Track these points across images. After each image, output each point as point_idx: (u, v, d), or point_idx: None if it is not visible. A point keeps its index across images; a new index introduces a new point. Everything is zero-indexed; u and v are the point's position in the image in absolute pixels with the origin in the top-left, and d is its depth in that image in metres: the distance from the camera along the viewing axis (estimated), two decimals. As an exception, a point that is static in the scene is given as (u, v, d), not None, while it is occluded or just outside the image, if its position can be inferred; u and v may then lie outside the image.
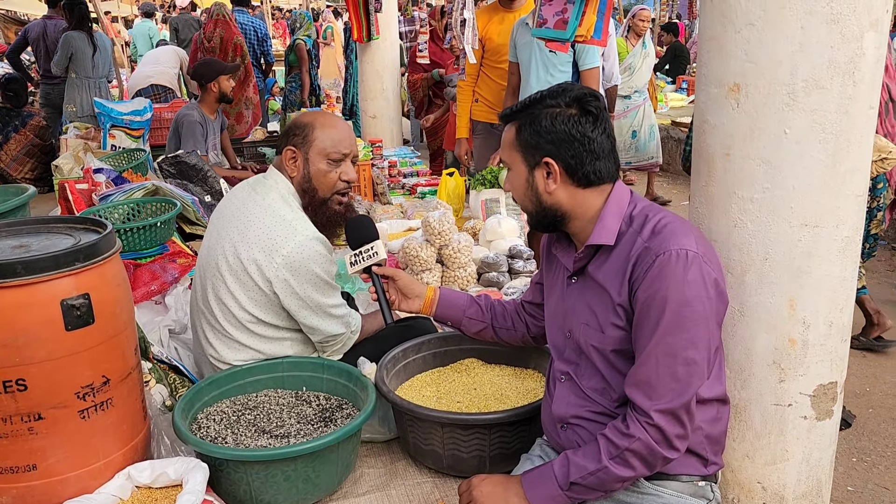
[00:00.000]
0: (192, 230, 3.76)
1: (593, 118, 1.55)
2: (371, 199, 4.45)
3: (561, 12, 3.20)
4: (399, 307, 2.01)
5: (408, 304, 2.00)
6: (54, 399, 1.58)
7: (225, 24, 6.65)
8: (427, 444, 1.92)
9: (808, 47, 1.50)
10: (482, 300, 2.02)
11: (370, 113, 5.84)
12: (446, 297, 2.00)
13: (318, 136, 2.14)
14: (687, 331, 1.45)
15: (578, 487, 1.52)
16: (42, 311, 1.54)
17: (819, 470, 1.76)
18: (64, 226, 1.80)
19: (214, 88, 4.81)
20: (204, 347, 2.20)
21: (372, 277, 2.00)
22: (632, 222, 1.56)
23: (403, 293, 2.01)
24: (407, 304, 2.00)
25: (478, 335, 2.02)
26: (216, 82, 4.79)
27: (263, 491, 1.77)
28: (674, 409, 1.46)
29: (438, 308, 2.00)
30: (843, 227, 1.61)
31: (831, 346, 1.68)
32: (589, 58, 3.99)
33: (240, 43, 6.68)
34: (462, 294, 2.04)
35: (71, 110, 6.76)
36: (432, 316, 2.02)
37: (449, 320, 2.02)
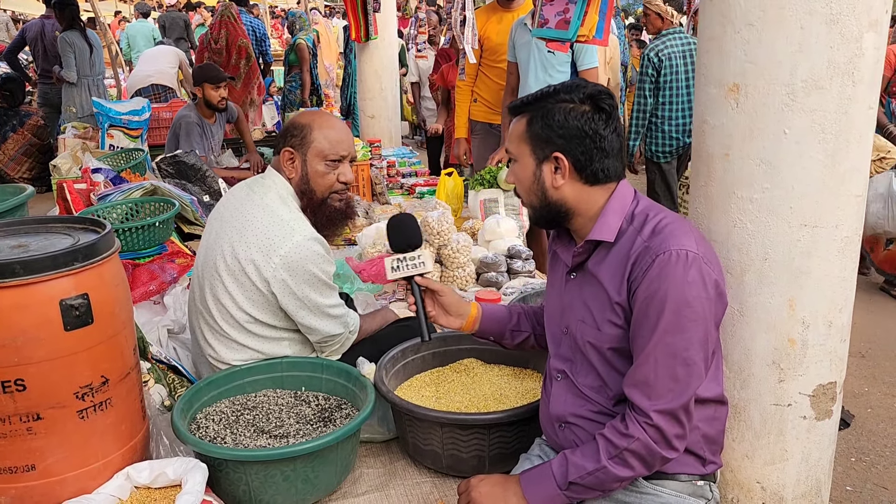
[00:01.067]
0: (190, 230, 3.76)
1: (606, 116, 1.55)
2: (370, 199, 4.45)
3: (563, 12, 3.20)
4: (436, 321, 1.90)
5: (447, 321, 1.89)
6: (53, 399, 1.58)
7: (231, 26, 6.65)
8: (426, 444, 1.92)
9: (808, 47, 1.50)
10: (516, 309, 1.96)
11: (369, 113, 5.84)
12: (489, 313, 1.92)
13: (316, 137, 2.13)
14: (686, 331, 1.45)
15: (577, 487, 1.52)
16: (41, 312, 1.54)
17: (818, 469, 1.76)
18: (62, 226, 1.80)
19: (199, 94, 4.81)
20: (202, 347, 2.19)
21: (412, 287, 1.85)
22: (633, 220, 1.56)
23: (446, 310, 1.89)
24: (446, 321, 1.89)
25: (518, 346, 1.96)
26: (200, 88, 4.79)
27: (262, 491, 1.77)
28: (673, 410, 1.46)
29: (481, 325, 1.92)
30: (843, 227, 1.61)
31: (831, 346, 1.68)
32: (588, 58, 3.99)
33: (244, 45, 6.67)
34: (500, 307, 1.97)
35: (71, 111, 6.76)
36: (473, 333, 1.94)
37: (491, 335, 1.94)
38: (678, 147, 4.82)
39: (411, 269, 1.83)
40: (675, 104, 4.75)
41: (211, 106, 4.82)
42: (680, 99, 4.75)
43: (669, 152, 4.84)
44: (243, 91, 6.72)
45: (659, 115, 4.79)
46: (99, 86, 7.03)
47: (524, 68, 4.06)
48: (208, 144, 4.85)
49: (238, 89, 6.77)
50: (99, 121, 5.41)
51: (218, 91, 4.78)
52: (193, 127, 4.71)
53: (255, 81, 6.80)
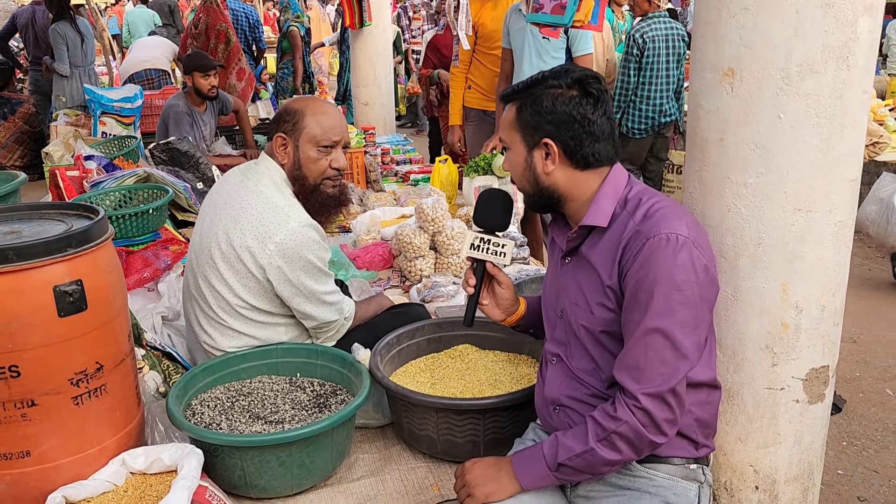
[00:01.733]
0: (184, 217, 3.75)
1: (594, 100, 1.55)
2: (364, 187, 4.44)
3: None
4: (482, 310, 1.83)
5: (493, 313, 1.84)
6: (48, 385, 1.58)
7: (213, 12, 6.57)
8: (421, 429, 1.92)
9: (803, 31, 1.50)
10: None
11: (362, 100, 5.82)
12: (531, 309, 1.89)
13: (309, 123, 2.12)
14: (675, 314, 1.45)
15: (566, 469, 1.53)
16: (34, 298, 1.54)
17: (811, 453, 1.78)
18: (56, 212, 1.79)
19: (189, 83, 4.78)
20: (197, 334, 2.19)
21: (478, 269, 1.77)
22: (626, 205, 1.56)
23: (498, 304, 1.83)
24: (492, 312, 1.84)
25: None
26: (190, 77, 4.76)
27: (258, 476, 1.77)
28: (661, 393, 1.46)
29: (524, 320, 1.89)
30: (837, 211, 1.61)
31: (824, 331, 1.69)
32: (583, 44, 3.98)
33: (222, 30, 6.58)
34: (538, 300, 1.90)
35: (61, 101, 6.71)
36: (513, 326, 1.89)
37: (533, 328, 1.91)
38: (652, 125, 5.07)
39: (490, 256, 1.74)
40: (654, 85, 4.96)
41: (201, 94, 4.79)
42: (659, 80, 4.96)
43: (644, 129, 5.08)
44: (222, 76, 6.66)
45: (638, 94, 5.01)
46: (90, 74, 6.98)
47: (518, 55, 4.05)
48: (199, 134, 4.82)
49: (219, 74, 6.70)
50: (91, 108, 5.37)
51: (207, 80, 4.74)
52: (183, 116, 4.67)
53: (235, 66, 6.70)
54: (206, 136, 4.91)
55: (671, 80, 5.00)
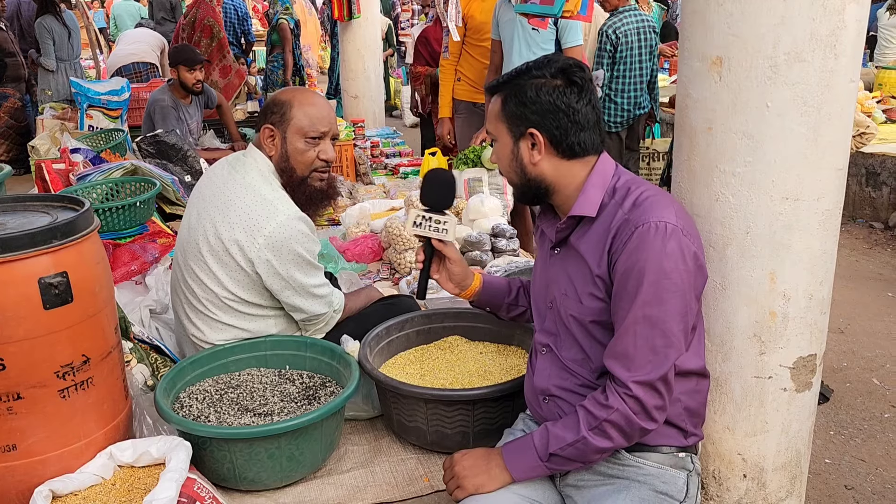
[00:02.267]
0: (172, 210, 3.73)
1: (578, 89, 1.54)
2: (353, 180, 4.43)
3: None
4: (439, 284, 1.90)
5: (448, 287, 1.90)
6: (33, 378, 1.57)
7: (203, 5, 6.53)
8: (411, 420, 1.92)
9: (790, 20, 1.50)
10: (516, 283, 1.97)
11: (352, 93, 5.80)
12: (488, 286, 1.93)
13: (296, 114, 2.11)
14: (665, 303, 1.45)
15: (558, 458, 1.53)
16: (19, 290, 1.52)
17: (798, 441, 1.79)
18: (41, 204, 1.77)
19: (174, 76, 4.76)
20: (186, 327, 2.18)
21: (425, 247, 1.84)
22: (614, 194, 1.56)
23: (452, 279, 1.89)
24: (447, 286, 1.90)
25: (515, 319, 1.98)
26: (176, 70, 4.73)
27: (247, 469, 1.76)
28: (651, 381, 1.47)
29: (481, 296, 1.93)
30: (824, 200, 1.62)
31: (811, 319, 1.70)
32: (572, 35, 3.97)
33: (210, 24, 6.54)
34: (501, 280, 1.98)
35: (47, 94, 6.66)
36: (470, 300, 1.95)
37: (488, 306, 1.96)
38: (628, 118, 5.13)
39: (432, 232, 1.80)
40: (628, 78, 5.01)
41: (186, 88, 4.77)
42: (633, 73, 5.01)
43: (620, 122, 5.13)
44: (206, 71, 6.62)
45: (613, 87, 5.05)
46: (76, 68, 6.93)
47: (508, 46, 4.04)
48: (185, 127, 4.79)
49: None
50: (78, 101, 5.33)
51: (193, 74, 4.72)
52: (169, 110, 4.64)
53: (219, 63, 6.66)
54: (192, 129, 4.88)
55: (644, 72, 5.07)
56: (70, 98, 5.90)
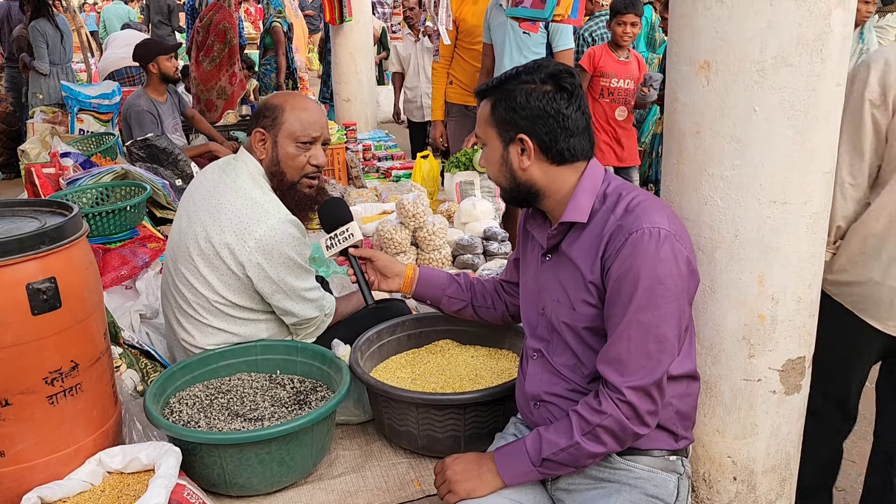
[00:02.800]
0: (162, 214, 3.72)
1: (568, 94, 1.54)
2: (345, 183, 4.42)
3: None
4: (378, 287, 2.00)
5: (387, 284, 1.99)
6: (21, 384, 1.56)
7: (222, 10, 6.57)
8: (402, 425, 1.92)
9: (777, 24, 1.51)
10: (462, 279, 2.02)
11: (344, 96, 5.79)
12: (426, 276, 2.00)
13: (288, 118, 2.11)
14: (659, 308, 1.46)
15: (550, 463, 1.53)
16: (7, 295, 1.51)
17: (787, 443, 1.79)
18: (29, 209, 1.77)
19: (154, 69, 4.68)
20: (177, 332, 2.17)
21: (349, 259, 1.98)
22: (605, 200, 1.56)
23: (382, 273, 2.00)
24: (386, 284, 1.99)
25: (457, 314, 2.02)
26: (154, 63, 4.67)
27: (237, 474, 1.76)
28: (645, 386, 1.47)
29: (418, 287, 1.99)
30: (811, 203, 1.62)
31: (799, 322, 1.70)
32: (563, 39, 3.98)
33: (224, 28, 6.57)
34: (442, 273, 2.03)
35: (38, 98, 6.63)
36: (411, 294, 2.01)
37: (428, 299, 2.02)
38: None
39: (343, 243, 1.96)
40: None
41: (167, 78, 4.71)
42: None
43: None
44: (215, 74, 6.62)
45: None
46: (68, 72, 6.90)
47: (499, 50, 4.04)
48: (168, 125, 4.75)
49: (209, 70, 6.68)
50: (68, 105, 5.30)
51: (172, 61, 4.68)
52: (144, 115, 4.56)
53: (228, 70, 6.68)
54: (167, 128, 4.79)
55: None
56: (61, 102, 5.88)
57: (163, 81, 4.73)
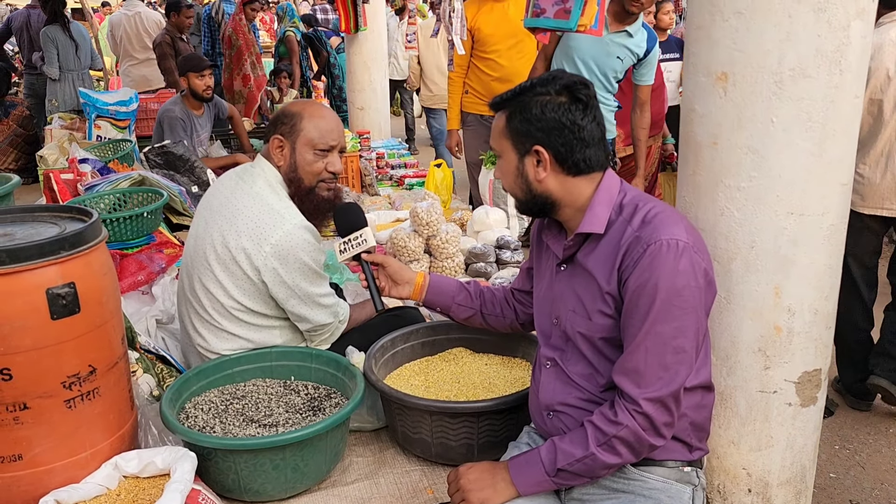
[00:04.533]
0: (179, 221, 3.75)
1: (583, 106, 1.55)
2: (359, 191, 4.44)
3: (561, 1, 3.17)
4: (389, 293, 2.01)
5: (398, 291, 2.01)
6: (40, 388, 1.57)
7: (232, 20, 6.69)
8: (415, 432, 1.92)
9: (796, 36, 1.51)
10: (471, 287, 2.03)
11: (358, 104, 5.82)
12: (436, 284, 2.01)
13: (306, 126, 2.13)
14: (676, 320, 1.45)
15: (565, 474, 1.53)
16: (27, 300, 1.53)
17: (803, 456, 1.78)
18: (49, 214, 1.79)
19: (185, 85, 4.77)
20: (192, 337, 2.19)
21: (361, 265, 1.99)
22: (622, 211, 1.56)
23: (393, 280, 2.01)
24: (397, 291, 2.01)
25: (467, 321, 2.03)
26: (185, 79, 4.74)
27: (251, 480, 1.77)
28: (662, 398, 1.47)
29: (428, 294, 2.00)
30: (829, 215, 1.62)
31: (816, 334, 1.70)
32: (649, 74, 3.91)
33: (229, 34, 6.64)
34: (452, 280, 2.04)
35: (54, 105, 6.70)
36: (422, 302, 2.02)
37: (438, 306, 2.02)
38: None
39: (356, 248, 1.98)
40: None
41: (197, 96, 4.77)
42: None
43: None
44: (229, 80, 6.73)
45: None
46: (85, 79, 6.97)
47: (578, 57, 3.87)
48: (195, 138, 4.81)
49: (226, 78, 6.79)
50: (86, 111, 5.36)
51: (203, 80, 4.72)
52: (176, 122, 4.64)
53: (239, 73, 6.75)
54: (202, 140, 4.89)
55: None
56: (77, 108, 5.94)
57: (194, 98, 4.79)
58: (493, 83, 4.37)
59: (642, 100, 3.95)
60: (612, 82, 3.92)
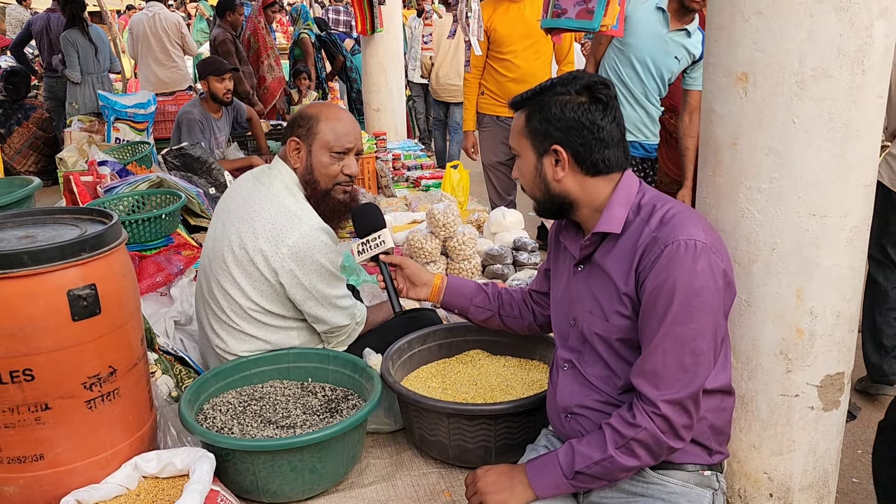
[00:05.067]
0: (196, 222, 3.77)
1: (603, 106, 1.54)
2: (375, 192, 4.45)
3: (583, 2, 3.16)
4: (407, 295, 2.01)
5: (415, 292, 2.00)
6: (61, 389, 1.59)
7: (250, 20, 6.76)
8: (433, 434, 1.92)
9: (817, 35, 1.49)
10: (489, 288, 2.02)
11: (374, 106, 5.83)
12: (453, 285, 2.00)
13: (323, 128, 2.13)
14: (695, 321, 1.44)
15: (583, 476, 1.52)
16: (49, 302, 1.54)
17: (826, 460, 1.76)
18: (70, 216, 1.80)
19: (205, 88, 4.82)
20: (210, 338, 2.20)
21: (379, 266, 1.99)
22: (639, 211, 1.55)
23: (411, 281, 2.00)
24: (415, 292, 2.00)
25: (484, 323, 2.02)
26: (206, 82, 4.79)
27: (270, 481, 1.77)
28: (681, 400, 1.45)
29: (445, 296, 1.99)
30: (852, 216, 1.60)
31: (839, 337, 1.67)
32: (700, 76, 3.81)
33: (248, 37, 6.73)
34: (469, 282, 2.03)
35: (74, 108, 6.77)
36: (439, 303, 2.01)
37: (456, 308, 2.02)
38: None
39: (374, 249, 1.97)
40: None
41: (217, 99, 4.81)
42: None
43: None
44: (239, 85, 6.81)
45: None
46: (104, 82, 7.04)
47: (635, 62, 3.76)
48: (213, 141, 4.85)
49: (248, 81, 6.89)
50: (105, 114, 5.42)
51: (223, 83, 4.76)
52: (194, 124, 4.68)
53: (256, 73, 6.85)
54: (220, 142, 4.92)
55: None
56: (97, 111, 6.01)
57: (213, 101, 4.84)
58: (509, 84, 4.36)
59: (693, 106, 3.71)
60: (665, 85, 3.82)
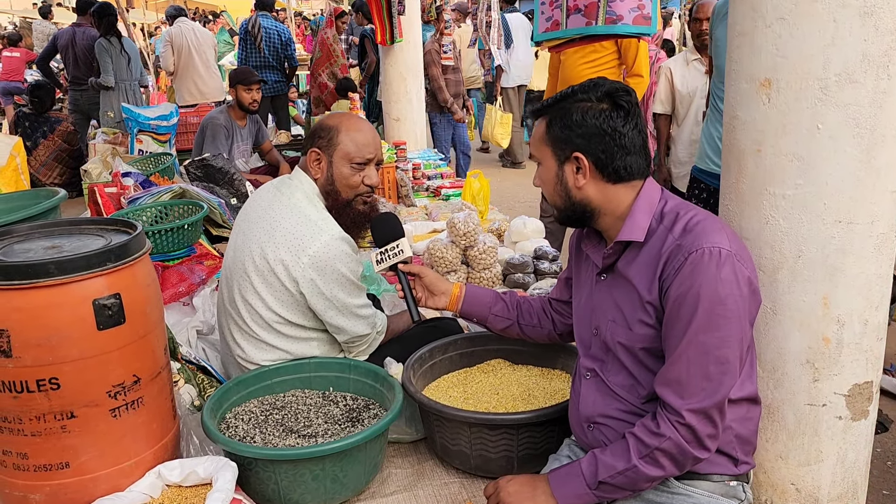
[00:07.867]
0: (218, 232, 3.80)
1: (624, 113, 1.53)
2: (395, 202, 4.46)
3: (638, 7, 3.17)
4: (425, 304, 2.01)
5: (434, 301, 2.00)
6: (87, 397, 1.60)
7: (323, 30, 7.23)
8: (454, 444, 1.91)
9: (841, 41, 1.48)
10: (508, 297, 2.01)
11: (394, 115, 5.86)
12: (472, 294, 2.00)
13: (343, 139, 2.14)
14: (719, 329, 1.43)
15: (607, 486, 1.50)
16: (74, 311, 1.56)
17: (855, 471, 1.73)
18: (95, 227, 1.82)
19: (233, 95, 4.95)
20: (231, 348, 2.21)
21: (398, 275, 2.00)
22: (662, 219, 1.54)
23: (430, 290, 2.01)
24: (433, 301, 2.00)
25: (503, 332, 2.01)
26: (234, 90, 4.94)
27: (292, 490, 1.77)
28: (706, 409, 1.44)
29: (464, 305, 1.99)
30: (879, 223, 1.58)
31: (866, 345, 1.65)
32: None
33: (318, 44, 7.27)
34: (488, 291, 2.03)
35: (109, 116, 6.87)
36: (458, 312, 2.01)
37: (475, 317, 2.02)
38: None
39: (393, 258, 1.98)
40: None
41: (243, 107, 4.97)
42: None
43: None
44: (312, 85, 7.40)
45: None
46: (135, 91, 7.16)
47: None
48: (237, 148, 4.94)
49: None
50: (128, 126, 5.49)
51: (250, 93, 4.92)
52: (220, 129, 4.81)
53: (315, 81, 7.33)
54: (242, 150, 5.03)
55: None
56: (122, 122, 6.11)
57: (240, 108, 4.98)
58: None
59: None
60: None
